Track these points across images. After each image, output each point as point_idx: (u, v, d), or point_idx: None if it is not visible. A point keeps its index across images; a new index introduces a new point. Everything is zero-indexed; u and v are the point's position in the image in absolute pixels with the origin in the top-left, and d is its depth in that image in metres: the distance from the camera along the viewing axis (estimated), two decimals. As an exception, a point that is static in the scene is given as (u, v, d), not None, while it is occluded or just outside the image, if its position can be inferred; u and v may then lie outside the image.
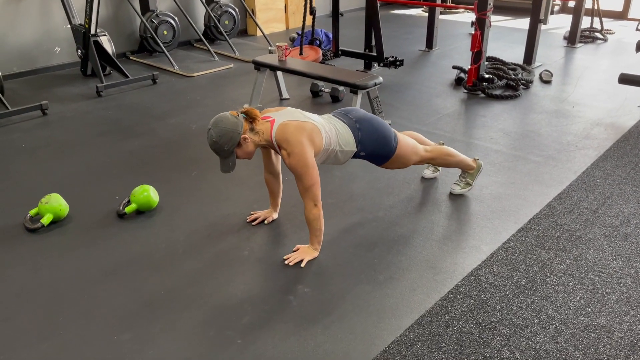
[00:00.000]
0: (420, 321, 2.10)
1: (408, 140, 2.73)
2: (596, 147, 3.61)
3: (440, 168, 3.07)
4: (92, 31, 4.93)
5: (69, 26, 5.33)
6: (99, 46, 5.03)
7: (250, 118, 2.37)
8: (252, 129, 2.38)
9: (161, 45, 5.68)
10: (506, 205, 2.93)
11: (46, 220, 2.74)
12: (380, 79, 3.88)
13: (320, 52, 5.20)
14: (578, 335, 2.02)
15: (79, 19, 5.18)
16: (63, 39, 5.56)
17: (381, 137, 2.60)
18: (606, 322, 2.09)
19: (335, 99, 4.57)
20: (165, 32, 5.97)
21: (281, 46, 4.28)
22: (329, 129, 2.49)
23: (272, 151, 2.61)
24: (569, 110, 4.31)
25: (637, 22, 6.77)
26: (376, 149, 2.61)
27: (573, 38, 6.23)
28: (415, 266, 2.44)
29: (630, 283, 2.30)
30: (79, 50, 5.20)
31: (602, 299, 2.21)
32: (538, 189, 3.08)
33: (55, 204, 2.77)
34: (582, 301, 2.20)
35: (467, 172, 3.01)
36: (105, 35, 5.27)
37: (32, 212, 2.81)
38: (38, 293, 2.30)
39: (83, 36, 5.00)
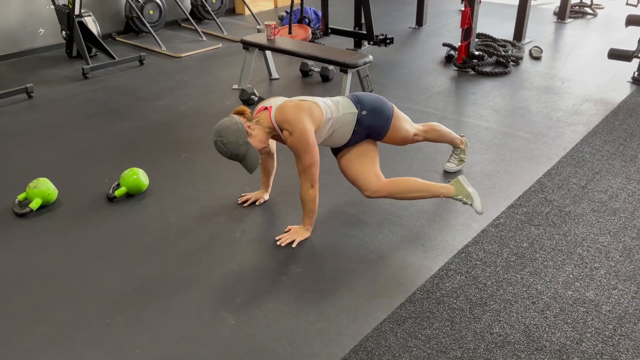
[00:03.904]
0: (411, 298, 2.13)
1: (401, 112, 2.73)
2: (585, 123, 3.63)
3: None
4: (77, 12, 4.84)
5: (52, 7, 5.22)
6: (83, 27, 4.94)
7: (240, 113, 2.40)
8: (249, 120, 2.39)
9: (147, 25, 5.60)
10: (496, 182, 2.94)
11: (35, 204, 2.72)
12: (370, 57, 3.86)
13: (310, 30, 5.14)
14: (567, 309, 2.06)
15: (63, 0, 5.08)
16: (47, 20, 5.45)
17: (376, 98, 2.58)
18: (594, 296, 2.12)
19: (325, 78, 4.54)
20: (151, 12, 5.87)
21: (270, 25, 4.23)
22: (325, 101, 2.50)
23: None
24: (559, 87, 4.31)
25: (627, -3, 6.74)
26: (375, 107, 2.53)
27: (563, 13, 6.21)
28: (406, 244, 2.46)
29: (618, 257, 2.34)
30: (64, 32, 5.11)
31: (591, 273, 2.25)
32: (528, 166, 3.10)
33: (44, 188, 2.75)
34: (570, 276, 2.23)
35: (459, 148, 3.03)
36: (90, 15, 5.18)
37: (21, 196, 2.79)
38: (29, 278, 2.30)
39: (67, 17, 4.90)
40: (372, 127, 2.54)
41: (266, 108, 2.41)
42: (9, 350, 1.93)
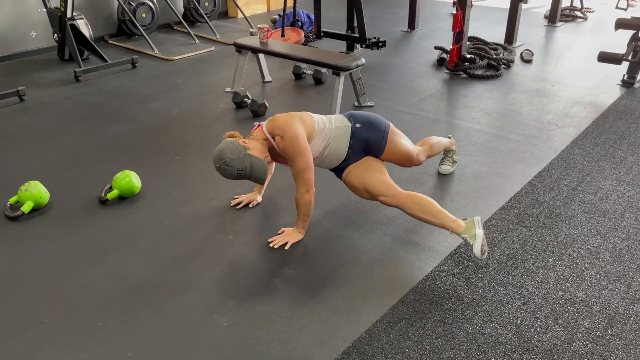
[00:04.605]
0: (404, 300, 2.13)
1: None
2: (576, 126, 3.66)
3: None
4: (69, 15, 4.83)
5: (44, 10, 5.21)
6: (76, 30, 4.93)
7: (231, 137, 2.44)
8: (243, 138, 2.44)
9: (140, 28, 5.59)
10: (488, 184, 2.96)
11: (26, 208, 2.71)
12: (363, 60, 3.87)
13: (302, 33, 5.16)
14: (558, 309, 2.07)
15: (55, 2, 5.06)
16: (39, 23, 5.43)
17: (371, 114, 2.58)
18: (585, 296, 2.14)
19: (318, 81, 4.55)
20: (143, 15, 5.86)
21: (262, 28, 4.24)
22: (318, 114, 2.53)
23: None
24: (550, 89, 4.34)
25: (617, 0, 6.81)
26: (369, 121, 2.52)
27: (553, 17, 6.26)
28: (398, 246, 2.47)
29: (608, 258, 2.36)
30: (56, 35, 5.10)
31: (581, 274, 2.26)
32: (519, 168, 3.12)
33: (35, 191, 2.74)
34: (561, 276, 2.25)
35: (451, 151, 3.05)
36: (82, 18, 5.16)
37: (12, 200, 2.77)
38: (21, 281, 2.28)
39: (59, 20, 4.89)
40: (368, 140, 2.50)
41: (259, 125, 2.47)
42: (0, 353, 1.92)
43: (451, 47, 4.73)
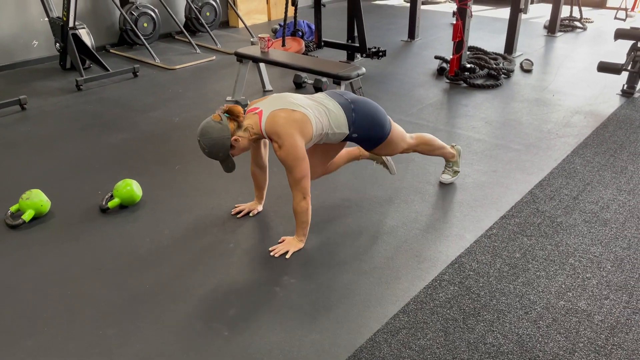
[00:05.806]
0: (405, 309, 2.13)
1: (399, 127, 2.72)
2: (576, 135, 3.67)
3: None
4: (71, 24, 4.86)
5: (46, 19, 5.24)
6: (77, 39, 4.96)
7: (234, 116, 2.34)
8: (239, 127, 2.35)
9: (141, 37, 5.62)
10: (488, 193, 2.96)
11: (27, 216, 2.71)
12: (363, 69, 3.89)
13: (303, 43, 5.19)
14: (559, 319, 2.07)
15: (57, 12, 5.09)
16: (41, 32, 5.46)
17: (376, 120, 2.54)
18: (587, 306, 2.13)
19: (319, 90, 4.56)
20: (145, 25, 5.90)
21: (263, 38, 4.26)
22: (319, 114, 2.42)
23: (262, 144, 2.60)
24: (550, 99, 4.36)
25: (616, 11, 6.86)
26: (370, 132, 2.52)
27: (553, 27, 6.30)
28: (400, 255, 2.46)
29: (609, 267, 2.35)
30: (58, 44, 5.12)
31: (583, 283, 2.26)
32: (519, 177, 3.12)
33: (37, 199, 2.74)
34: (563, 286, 2.24)
35: (451, 161, 3.05)
36: (84, 28, 5.19)
37: (13, 208, 2.77)
38: (20, 290, 2.28)
39: (61, 29, 4.92)
40: (359, 142, 2.61)
41: (257, 112, 2.37)
42: (0, 363, 1.92)
43: (451, 56, 4.75)
